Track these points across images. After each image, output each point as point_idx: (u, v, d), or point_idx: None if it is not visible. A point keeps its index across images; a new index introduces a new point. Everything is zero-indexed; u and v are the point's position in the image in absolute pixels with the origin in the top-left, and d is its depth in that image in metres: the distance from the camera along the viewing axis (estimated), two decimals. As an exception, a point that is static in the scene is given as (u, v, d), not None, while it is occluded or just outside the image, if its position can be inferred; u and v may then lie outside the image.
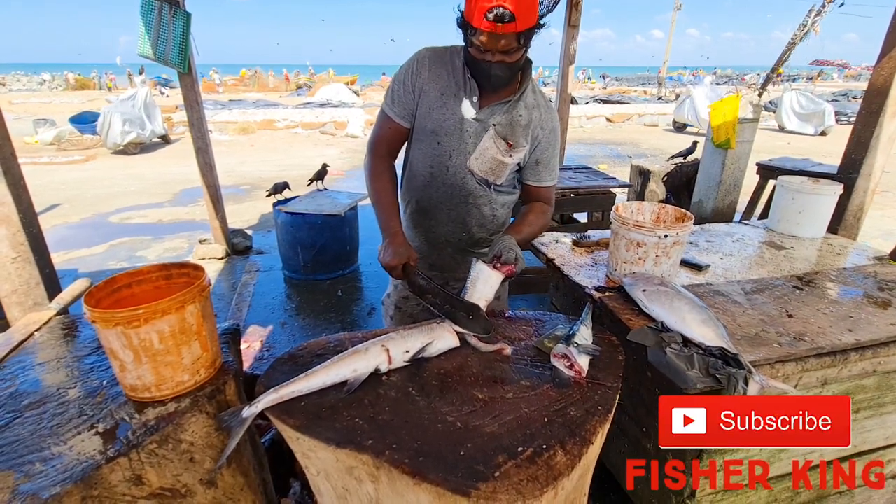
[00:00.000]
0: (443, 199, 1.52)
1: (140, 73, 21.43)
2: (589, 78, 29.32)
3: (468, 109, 1.41)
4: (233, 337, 1.24)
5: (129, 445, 0.88)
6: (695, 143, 6.01)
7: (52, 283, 1.70)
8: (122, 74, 27.34)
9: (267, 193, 4.39)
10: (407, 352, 1.07)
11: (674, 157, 6.00)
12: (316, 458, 0.94)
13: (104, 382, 1.05)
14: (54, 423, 0.94)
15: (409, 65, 1.45)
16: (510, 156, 1.44)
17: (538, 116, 1.45)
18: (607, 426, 0.95)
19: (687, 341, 1.17)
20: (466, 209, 1.54)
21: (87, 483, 0.83)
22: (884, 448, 1.51)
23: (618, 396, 1.01)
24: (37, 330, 1.28)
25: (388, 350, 1.05)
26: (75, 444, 0.88)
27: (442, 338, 1.11)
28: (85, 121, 10.61)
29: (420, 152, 1.51)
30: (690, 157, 5.75)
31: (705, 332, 1.16)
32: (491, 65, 1.28)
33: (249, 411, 0.95)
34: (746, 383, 1.03)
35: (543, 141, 1.47)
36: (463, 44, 1.35)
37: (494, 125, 1.41)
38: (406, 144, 1.56)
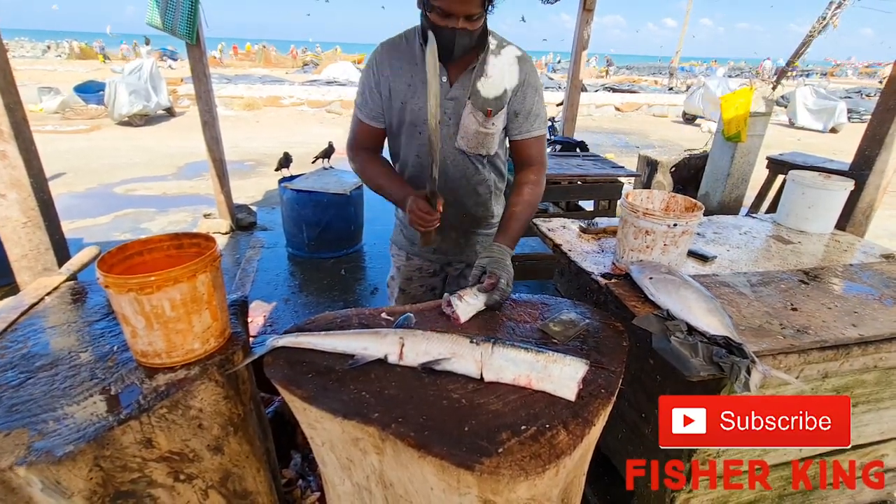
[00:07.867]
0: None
1: (146, 44, 21.16)
2: (609, 65, 28.38)
3: (440, 91, 1.39)
4: (241, 308, 1.25)
5: (140, 409, 0.90)
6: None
7: (61, 249, 1.71)
8: (115, 46, 26.70)
9: (276, 168, 4.41)
10: (424, 354, 1.02)
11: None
12: (322, 428, 0.96)
13: (115, 347, 1.07)
14: (66, 384, 0.96)
15: (369, 66, 1.44)
16: (492, 124, 1.43)
17: (507, 67, 1.41)
18: (609, 408, 0.96)
19: (692, 329, 1.17)
20: (462, 191, 1.54)
21: (100, 443, 0.85)
22: (878, 443, 1.52)
23: (621, 381, 1.02)
24: (47, 294, 1.29)
25: (402, 344, 1.03)
26: (88, 406, 0.90)
27: (462, 358, 1.01)
28: (90, 90, 10.52)
29: (405, 145, 1.49)
30: (699, 150, 5.69)
31: (710, 321, 1.16)
32: (455, 31, 1.26)
33: (273, 342, 1.06)
34: (749, 372, 1.04)
35: (518, 91, 1.43)
36: (416, 25, 1.33)
37: (469, 98, 1.39)
38: (387, 141, 1.55)
